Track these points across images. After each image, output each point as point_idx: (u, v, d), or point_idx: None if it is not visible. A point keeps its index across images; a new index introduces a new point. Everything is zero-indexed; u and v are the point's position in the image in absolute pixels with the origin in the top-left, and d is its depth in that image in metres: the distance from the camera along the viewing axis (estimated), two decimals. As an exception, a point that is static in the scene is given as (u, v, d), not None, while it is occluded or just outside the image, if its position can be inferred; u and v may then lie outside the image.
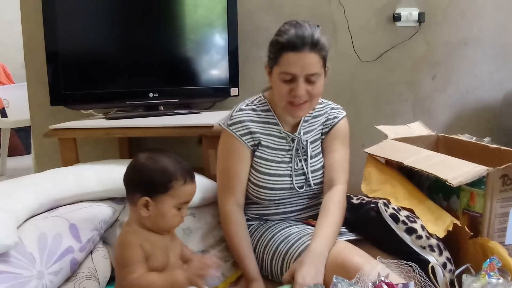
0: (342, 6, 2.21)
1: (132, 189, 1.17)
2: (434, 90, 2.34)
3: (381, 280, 1.06)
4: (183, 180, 1.15)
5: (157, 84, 2.00)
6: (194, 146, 2.07)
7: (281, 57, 1.34)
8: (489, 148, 1.56)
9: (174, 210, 1.16)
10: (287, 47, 1.32)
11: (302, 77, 1.34)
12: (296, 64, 1.33)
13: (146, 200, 1.13)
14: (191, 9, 2.05)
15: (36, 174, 1.57)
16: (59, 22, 1.82)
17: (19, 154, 4.17)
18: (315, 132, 1.52)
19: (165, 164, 1.15)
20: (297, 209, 1.50)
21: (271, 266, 1.38)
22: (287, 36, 1.33)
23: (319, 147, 1.52)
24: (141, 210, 1.14)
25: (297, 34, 1.32)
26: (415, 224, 1.30)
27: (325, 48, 1.36)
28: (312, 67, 1.34)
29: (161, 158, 1.16)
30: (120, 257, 1.13)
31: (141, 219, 1.16)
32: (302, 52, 1.32)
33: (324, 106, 1.55)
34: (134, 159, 1.20)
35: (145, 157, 1.17)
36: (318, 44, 1.33)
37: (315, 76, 1.35)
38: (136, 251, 1.12)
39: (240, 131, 1.45)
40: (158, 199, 1.14)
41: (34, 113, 2.17)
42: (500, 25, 2.30)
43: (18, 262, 1.20)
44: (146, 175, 1.14)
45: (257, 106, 1.49)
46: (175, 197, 1.15)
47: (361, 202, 1.47)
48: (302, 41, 1.31)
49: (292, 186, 1.45)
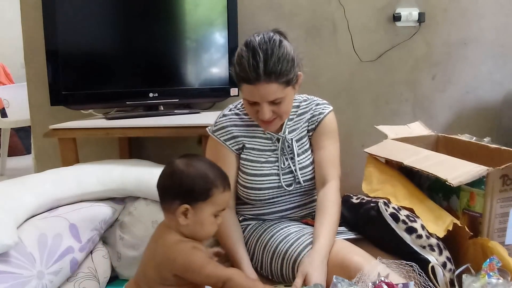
0: (342, 6, 2.21)
1: (170, 196, 1.14)
2: (434, 90, 2.34)
3: (381, 280, 1.06)
4: (222, 187, 1.14)
5: (157, 84, 2.00)
6: (194, 146, 2.07)
7: (240, 86, 1.34)
8: (489, 148, 1.56)
9: (212, 218, 1.14)
10: (242, 78, 1.31)
11: (264, 102, 1.32)
12: (254, 95, 1.31)
13: (186, 208, 1.11)
14: (191, 9, 2.05)
15: (36, 174, 1.57)
16: (59, 22, 1.82)
17: (19, 154, 4.18)
18: (301, 130, 1.51)
19: (206, 171, 1.13)
20: (291, 207, 1.50)
21: (270, 266, 1.38)
22: (241, 68, 1.30)
23: (306, 144, 1.51)
24: (179, 218, 1.11)
25: (251, 64, 1.27)
26: (415, 224, 1.30)
27: (284, 73, 1.29)
28: (271, 95, 1.31)
29: (199, 164, 1.14)
30: (192, 262, 1.10)
31: (179, 227, 1.13)
32: (257, 84, 1.28)
33: (309, 103, 1.53)
34: (170, 165, 1.16)
35: (183, 164, 1.14)
36: (272, 74, 1.28)
37: (278, 99, 1.33)
38: (201, 252, 1.11)
39: (223, 136, 1.46)
40: (198, 206, 1.11)
41: (34, 113, 2.17)
42: (500, 25, 2.30)
43: (18, 262, 1.20)
44: (187, 182, 1.11)
45: (240, 110, 1.50)
46: (214, 205, 1.13)
47: (361, 201, 1.47)
48: (255, 73, 1.27)
49: (280, 185, 1.45)
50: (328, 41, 2.25)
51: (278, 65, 1.28)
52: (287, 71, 1.30)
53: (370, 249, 1.30)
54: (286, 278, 1.35)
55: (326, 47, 2.24)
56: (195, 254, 1.11)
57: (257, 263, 1.42)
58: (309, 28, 2.22)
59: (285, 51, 1.31)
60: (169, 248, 1.13)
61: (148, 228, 1.53)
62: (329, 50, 2.25)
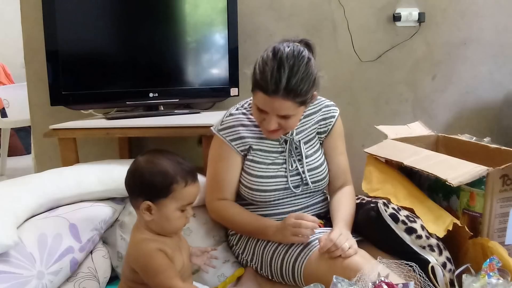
0: (342, 6, 2.21)
1: (134, 193, 1.16)
2: (434, 90, 2.34)
3: (381, 280, 1.06)
4: (184, 183, 1.13)
5: (157, 84, 2.00)
6: (194, 146, 2.07)
7: (255, 92, 1.32)
8: (489, 148, 1.56)
9: (178, 213, 1.14)
10: (260, 87, 1.28)
11: (273, 115, 1.31)
12: (267, 106, 1.30)
13: (148, 205, 1.12)
14: (191, 9, 2.04)
15: (36, 174, 1.57)
16: (59, 22, 1.81)
17: (19, 154, 4.17)
18: (309, 131, 1.50)
19: (165, 167, 1.13)
20: (295, 209, 1.49)
21: (270, 266, 1.38)
22: (263, 76, 1.27)
23: (315, 146, 1.51)
24: (144, 215, 1.13)
25: (274, 76, 1.24)
26: (415, 224, 1.30)
27: (302, 94, 1.27)
28: (283, 111, 1.29)
29: (161, 160, 1.14)
30: (150, 265, 1.11)
31: (147, 223, 1.15)
32: (273, 97, 1.26)
33: (317, 104, 1.52)
34: (134, 163, 1.18)
35: (144, 161, 1.16)
36: (292, 92, 1.25)
37: (289, 115, 1.32)
38: (162, 256, 1.12)
39: (230, 136, 1.45)
40: (160, 203, 1.12)
41: (34, 113, 2.17)
42: (500, 25, 2.30)
43: (18, 262, 1.20)
44: (147, 179, 1.12)
45: (247, 110, 1.49)
46: (178, 200, 1.13)
47: (361, 202, 1.48)
48: (275, 86, 1.24)
49: (287, 187, 1.45)
50: (328, 41, 2.25)
51: (299, 85, 1.25)
52: (305, 92, 1.28)
53: (370, 249, 1.31)
54: (286, 279, 1.35)
55: (326, 47, 2.24)
56: (154, 258, 1.11)
57: (256, 264, 1.42)
58: (309, 28, 2.22)
59: (310, 71, 1.28)
60: (134, 245, 1.16)
61: (148, 228, 1.52)
62: (329, 50, 2.25)
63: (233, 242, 1.52)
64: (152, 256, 1.11)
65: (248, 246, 1.46)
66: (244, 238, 1.48)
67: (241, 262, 1.50)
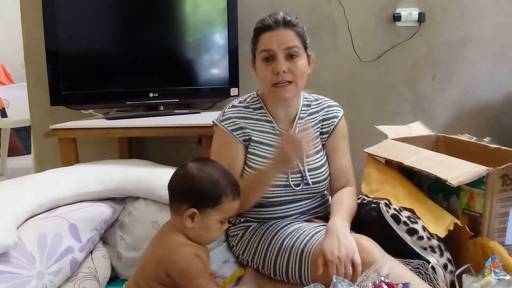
0: (342, 6, 2.21)
1: (179, 198, 1.15)
2: (434, 90, 2.33)
3: (381, 280, 1.06)
4: (232, 196, 1.15)
5: (157, 84, 2.00)
6: (194, 146, 2.07)
7: (259, 39, 1.41)
8: (489, 148, 1.56)
9: (218, 224, 1.15)
10: (262, 29, 1.40)
11: (281, 53, 1.38)
12: (272, 41, 1.38)
13: (194, 212, 1.12)
14: (191, 9, 2.05)
15: (36, 174, 1.57)
16: (59, 22, 1.82)
17: (19, 154, 4.17)
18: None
19: (218, 178, 1.14)
20: (296, 212, 1.49)
21: (275, 263, 1.37)
22: (261, 21, 1.42)
23: (317, 146, 1.51)
24: (186, 221, 1.13)
25: (270, 16, 1.41)
26: (417, 225, 1.30)
27: (299, 26, 1.42)
28: (288, 42, 1.38)
29: (212, 170, 1.15)
30: (188, 269, 1.12)
31: (184, 229, 1.15)
32: (276, 30, 1.39)
33: (320, 103, 1.54)
34: (183, 168, 1.17)
35: (196, 168, 1.15)
36: (290, 22, 1.40)
37: (294, 50, 1.39)
38: (200, 261, 1.13)
39: (231, 126, 1.46)
40: (206, 212, 1.13)
41: (34, 113, 2.17)
42: (500, 25, 2.30)
43: (18, 262, 1.20)
44: (198, 187, 1.13)
45: (249, 104, 1.51)
46: (222, 212, 1.14)
47: (361, 202, 1.47)
48: (275, 20, 1.40)
49: (287, 184, 1.45)
50: (328, 41, 2.25)
51: (294, 20, 1.42)
52: (302, 30, 1.43)
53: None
54: (292, 274, 1.34)
55: (326, 47, 2.24)
56: (195, 262, 1.12)
57: (258, 263, 1.42)
58: (309, 28, 2.17)
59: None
60: (172, 248, 1.14)
61: (148, 228, 1.52)
62: (329, 50, 2.25)
63: (234, 243, 1.52)
64: (191, 259, 1.12)
65: (249, 246, 1.46)
66: (245, 238, 1.48)
67: (241, 263, 1.50)
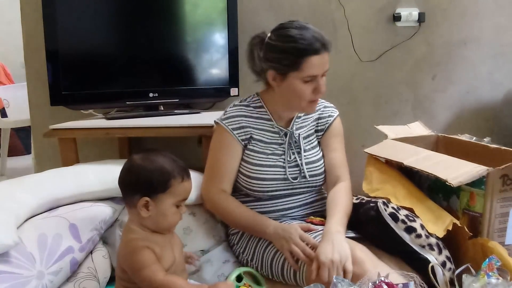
0: (342, 6, 2.21)
1: (130, 191, 1.17)
2: (434, 90, 2.33)
3: (381, 280, 1.06)
4: (180, 178, 1.16)
5: (157, 84, 2.00)
6: (194, 146, 2.07)
7: (303, 62, 1.36)
8: (489, 148, 1.56)
9: (174, 208, 1.17)
10: (310, 51, 1.36)
11: (321, 76, 1.41)
12: (319, 67, 1.38)
13: (146, 201, 1.14)
14: (191, 9, 2.05)
15: (36, 174, 1.57)
16: (59, 22, 1.81)
17: (19, 154, 4.17)
18: (308, 128, 1.56)
19: (162, 163, 1.16)
20: (294, 206, 1.51)
21: (271, 265, 1.38)
22: (306, 42, 1.36)
23: (314, 142, 1.55)
24: (141, 211, 1.15)
25: (315, 37, 1.37)
26: (415, 223, 1.30)
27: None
28: (327, 64, 1.42)
29: (157, 157, 1.17)
30: (135, 261, 1.13)
31: (142, 220, 1.17)
32: (322, 54, 1.38)
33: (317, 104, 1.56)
34: (128, 161, 1.20)
35: (140, 158, 1.18)
36: (329, 44, 1.40)
37: (326, 71, 1.43)
38: (148, 253, 1.13)
39: (232, 125, 1.48)
40: (158, 198, 1.15)
41: (34, 113, 2.17)
42: (500, 25, 2.30)
43: (18, 262, 1.20)
44: (144, 175, 1.15)
45: (250, 103, 1.54)
46: (174, 195, 1.16)
47: (360, 201, 1.48)
48: (321, 43, 1.37)
49: (285, 177, 1.47)
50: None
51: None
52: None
53: (369, 248, 1.30)
54: (287, 277, 1.35)
55: (326, 47, 2.24)
56: (140, 254, 1.13)
57: (256, 263, 1.42)
58: (309, 28, 2.22)
59: None
60: (124, 244, 1.18)
61: (148, 228, 1.52)
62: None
63: (234, 242, 1.53)
64: (137, 253, 1.13)
65: (249, 245, 1.46)
66: (245, 237, 1.49)
67: (241, 262, 1.50)
